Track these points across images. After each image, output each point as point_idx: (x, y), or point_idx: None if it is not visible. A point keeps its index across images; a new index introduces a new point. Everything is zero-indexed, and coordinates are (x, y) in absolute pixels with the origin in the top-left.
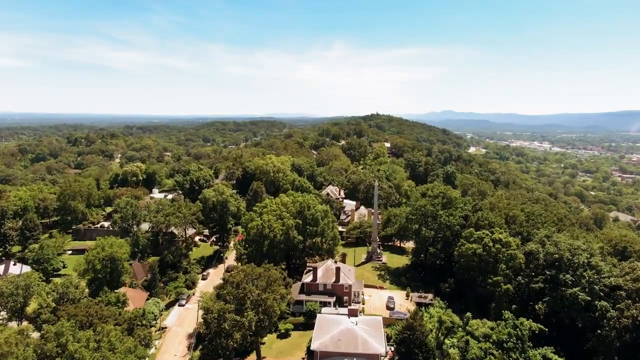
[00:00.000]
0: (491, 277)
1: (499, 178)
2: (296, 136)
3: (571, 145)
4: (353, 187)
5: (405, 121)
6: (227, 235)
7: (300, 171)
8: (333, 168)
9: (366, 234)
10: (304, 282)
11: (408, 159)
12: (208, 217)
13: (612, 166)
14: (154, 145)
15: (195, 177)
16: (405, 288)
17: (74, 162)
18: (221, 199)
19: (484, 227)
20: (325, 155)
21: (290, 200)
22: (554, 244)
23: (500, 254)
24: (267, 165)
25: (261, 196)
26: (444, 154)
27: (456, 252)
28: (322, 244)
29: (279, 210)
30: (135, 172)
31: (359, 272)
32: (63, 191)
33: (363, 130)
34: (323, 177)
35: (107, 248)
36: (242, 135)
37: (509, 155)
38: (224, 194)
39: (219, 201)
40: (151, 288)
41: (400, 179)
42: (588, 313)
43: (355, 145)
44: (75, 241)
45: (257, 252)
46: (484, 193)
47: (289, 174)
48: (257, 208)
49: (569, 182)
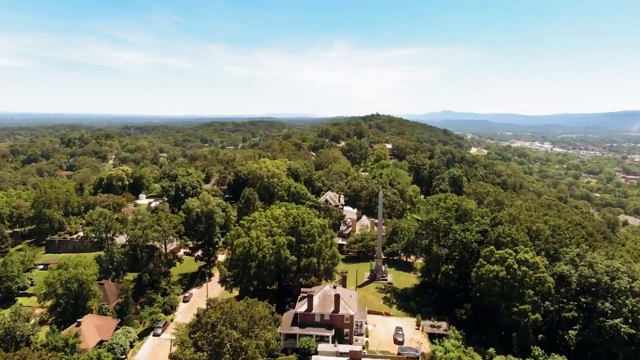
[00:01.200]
0: (516, 305)
1: (505, 181)
2: (295, 137)
3: (572, 145)
4: (354, 194)
5: (405, 121)
6: (214, 249)
7: (296, 176)
8: (332, 171)
9: (369, 248)
10: (298, 311)
11: (411, 161)
12: (192, 229)
13: (615, 167)
14: (148, 146)
15: (181, 183)
16: (415, 315)
17: (66, 163)
18: (206, 210)
19: (506, 245)
20: (324, 158)
21: (282, 213)
22: (588, 265)
23: (527, 278)
24: (261, 170)
25: (254, 204)
26: (447, 155)
27: (474, 274)
28: (319, 265)
29: (270, 225)
30: (121, 177)
31: (362, 294)
32: (37, 198)
33: (363, 131)
34: (322, 182)
35: (72, 268)
36: (241, 135)
37: (511, 156)
38: (210, 203)
39: (203, 212)
40: (123, 314)
41: (405, 183)
42: (632, 347)
43: (356, 146)
44: (49, 254)
45: (244, 274)
46: (501, 203)
47: (284, 179)
48: (244, 222)
49: (574, 183)
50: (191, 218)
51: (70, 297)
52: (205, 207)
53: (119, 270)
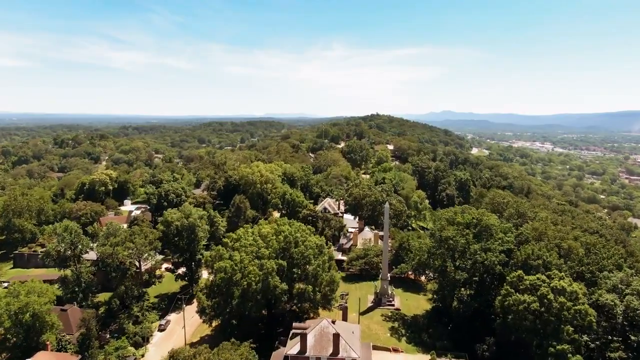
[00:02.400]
0: (553, 344)
1: (512, 184)
2: (293, 137)
3: (573, 145)
4: (356, 203)
5: (406, 121)
6: (197, 266)
7: (292, 181)
8: (331, 175)
9: (372, 265)
10: (289, 353)
11: (415, 164)
12: (172, 244)
13: (618, 168)
14: (143, 147)
15: (164, 190)
16: (428, 350)
17: (57, 165)
18: (187, 223)
19: (537, 268)
20: (323, 161)
21: (272, 230)
22: (637, 294)
23: (565, 311)
24: (254, 175)
25: (244, 212)
26: (450, 156)
27: (498, 303)
28: (315, 293)
29: (257, 246)
30: (104, 181)
31: (365, 324)
32: (6, 206)
33: (363, 131)
34: (320, 188)
35: (23, 296)
36: (239, 136)
37: (513, 156)
38: (191, 215)
39: (184, 226)
40: (86, 348)
41: (410, 189)
42: None
43: (356, 148)
44: (17, 268)
45: (225, 304)
46: (523, 215)
47: (278, 185)
48: (228, 240)
49: (578, 185)
50: (170, 232)
51: (21, 330)
52: (185, 219)
53: (87, 292)
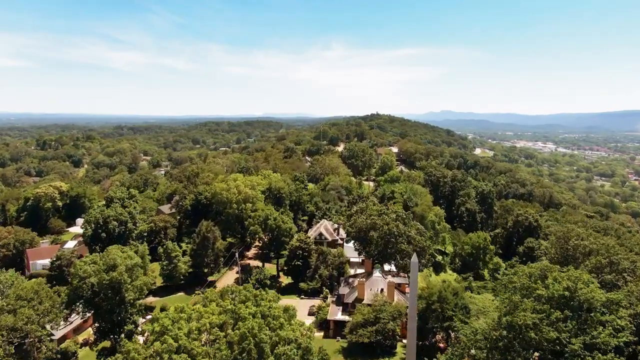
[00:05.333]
0: None
1: (531, 192)
2: (289, 139)
3: (576, 145)
4: (362, 236)
5: (407, 121)
6: (129, 337)
7: (279, 199)
8: (329, 186)
9: (387, 334)
10: None
11: (429, 172)
12: (91, 304)
13: (625, 169)
14: (129, 149)
15: (102, 217)
16: None
17: (35, 168)
18: (108, 280)
19: None
20: (320, 168)
21: (222, 319)
22: None
23: None
24: (229, 192)
25: (213, 244)
26: (457, 159)
27: None
28: None
29: (198, 343)
30: (52, 196)
31: None
32: None
33: (364, 132)
34: (315, 205)
35: None
36: (235, 136)
37: (517, 157)
38: (117, 267)
39: (103, 284)
40: None
41: (425, 206)
42: None
43: (358, 152)
44: None
45: None
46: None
47: (260, 206)
48: (156, 325)
49: (591, 188)
50: (83, 292)
51: None
52: (105, 274)
53: None
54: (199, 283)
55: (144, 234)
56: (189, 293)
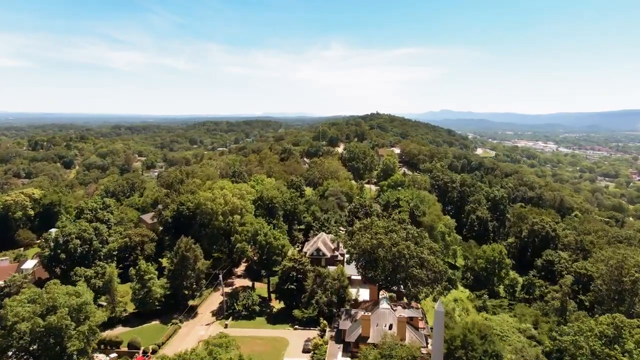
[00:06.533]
0: None
1: (541, 195)
2: (288, 139)
3: (577, 145)
4: (367, 258)
5: (408, 121)
6: None
7: (272, 209)
8: (329, 191)
9: None
10: None
11: (435, 176)
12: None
13: (628, 169)
14: (122, 149)
15: (63, 235)
16: None
17: (24, 170)
18: (44, 326)
19: None
20: (319, 172)
21: None
22: None
23: None
24: (215, 203)
25: (194, 263)
26: (461, 160)
27: None
28: None
29: None
30: (23, 204)
31: None
32: None
33: (364, 132)
34: (312, 215)
35: None
36: (234, 136)
37: (519, 157)
38: (58, 308)
39: (37, 331)
40: None
41: (434, 215)
42: None
43: (359, 154)
44: None
45: None
46: None
47: (249, 218)
48: None
49: (597, 190)
50: (14, 340)
51: None
52: (40, 320)
53: None
54: (178, 309)
55: (114, 252)
56: (165, 321)
